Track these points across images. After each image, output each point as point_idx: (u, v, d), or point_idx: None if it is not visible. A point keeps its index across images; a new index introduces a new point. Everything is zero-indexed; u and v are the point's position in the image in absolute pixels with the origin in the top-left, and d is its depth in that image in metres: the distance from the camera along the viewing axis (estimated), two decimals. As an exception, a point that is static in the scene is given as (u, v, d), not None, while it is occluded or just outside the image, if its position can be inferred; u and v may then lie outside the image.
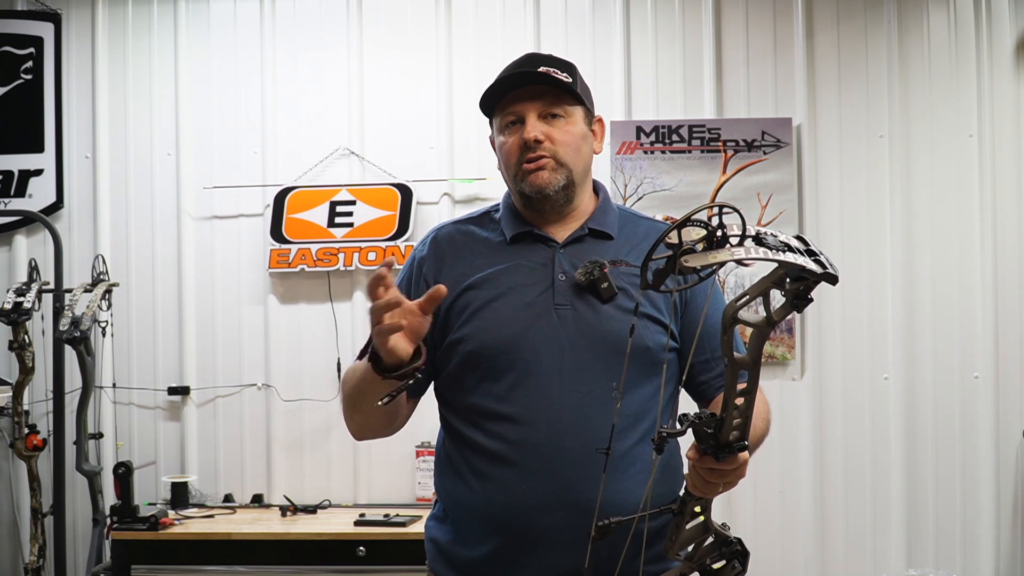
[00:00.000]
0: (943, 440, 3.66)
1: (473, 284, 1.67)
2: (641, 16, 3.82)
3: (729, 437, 1.27)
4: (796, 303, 1.16)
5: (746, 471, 1.37)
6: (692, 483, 1.35)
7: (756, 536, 3.69)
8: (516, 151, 1.67)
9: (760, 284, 1.19)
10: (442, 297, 1.46)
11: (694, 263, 1.15)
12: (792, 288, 1.16)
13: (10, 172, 3.96)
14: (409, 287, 1.72)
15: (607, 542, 1.43)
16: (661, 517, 1.47)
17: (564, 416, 1.57)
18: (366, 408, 1.59)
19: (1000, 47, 3.69)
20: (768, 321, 1.20)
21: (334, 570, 3.29)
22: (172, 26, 3.96)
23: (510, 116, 1.68)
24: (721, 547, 1.37)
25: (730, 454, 1.28)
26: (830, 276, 1.13)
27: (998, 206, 3.66)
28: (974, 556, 3.62)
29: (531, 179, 1.66)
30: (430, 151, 3.85)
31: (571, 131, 1.68)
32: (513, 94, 1.67)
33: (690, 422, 1.26)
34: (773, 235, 1.16)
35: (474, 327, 1.65)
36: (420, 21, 3.88)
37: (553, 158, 1.66)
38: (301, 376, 3.86)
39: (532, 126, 1.65)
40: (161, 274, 3.93)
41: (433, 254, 1.74)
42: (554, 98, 1.67)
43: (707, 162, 3.72)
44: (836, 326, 3.71)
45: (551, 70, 1.67)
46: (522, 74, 1.68)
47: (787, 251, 1.14)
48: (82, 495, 3.70)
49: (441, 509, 1.73)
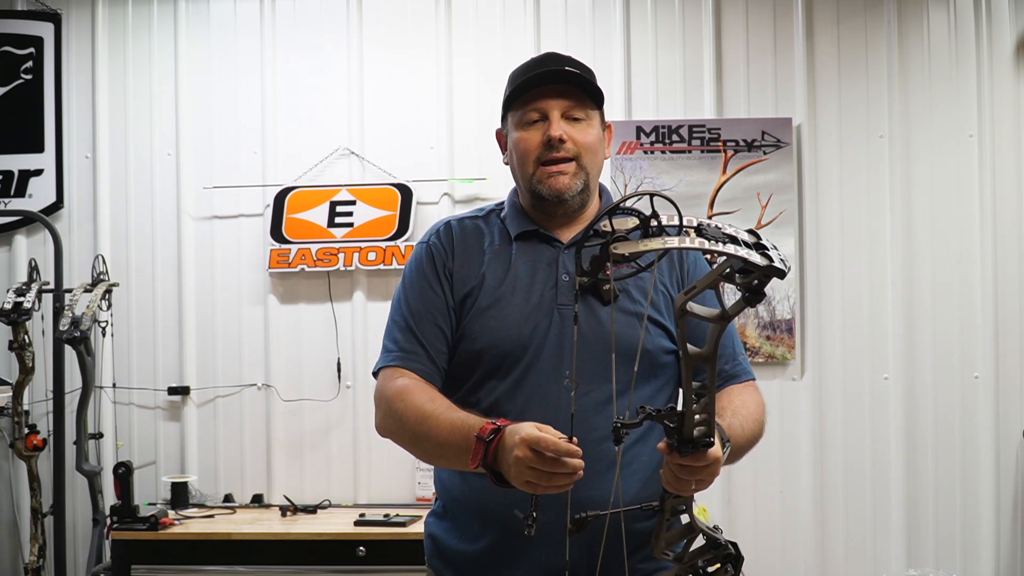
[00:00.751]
0: (943, 440, 3.66)
1: (479, 282, 1.68)
2: (641, 16, 3.82)
3: (693, 433, 1.26)
4: (749, 297, 1.16)
5: (719, 470, 1.37)
6: (665, 479, 1.35)
7: (756, 536, 3.69)
8: (537, 148, 1.66)
9: (708, 277, 1.19)
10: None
11: (623, 250, 1.16)
12: (743, 282, 1.16)
13: (10, 172, 3.96)
14: (438, 276, 1.70)
15: (603, 539, 1.43)
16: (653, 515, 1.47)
17: (562, 415, 1.57)
18: (437, 465, 1.68)
19: (1000, 47, 3.69)
20: (723, 315, 1.20)
21: (334, 570, 3.29)
22: (172, 26, 3.95)
23: (533, 113, 1.67)
24: (714, 550, 1.36)
25: (694, 450, 1.28)
26: (775, 270, 1.12)
27: (998, 206, 3.66)
28: (974, 556, 3.62)
29: (550, 182, 1.66)
30: (430, 151, 3.85)
31: (591, 134, 1.69)
32: (537, 91, 1.66)
33: (646, 414, 1.26)
34: (717, 227, 1.15)
35: (480, 325, 1.65)
36: (420, 21, 3.88)
37: (575, 160, 1.66)
38: (301, 376, 3.86)
39: (557, 124, 1.65)
40: (161, 274, 3.93)
41: (448, 245, 1.73)
42: (578, 100, 1.67)
43: (707, 162, 3.72)
44: (836, 326, 3.71)
45: (577, 71, 1.67)
46: (555, 72, 1.67)
47: (730, 243, 1.13)
48: (82, 495, 3.70)
49: (440, 505, 1.75)
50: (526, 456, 1.36)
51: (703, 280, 1.19)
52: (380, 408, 1.67)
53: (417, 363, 1.66)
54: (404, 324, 1.69)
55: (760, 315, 3.69)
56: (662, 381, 1.67)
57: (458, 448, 1.48)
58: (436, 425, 1.54)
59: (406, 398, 1.60)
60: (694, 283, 1.20)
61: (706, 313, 1.21)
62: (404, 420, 1.60)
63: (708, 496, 3.63)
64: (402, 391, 1.62)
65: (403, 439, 1.64)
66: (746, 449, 1.60)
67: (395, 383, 1.64)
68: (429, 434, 1.55)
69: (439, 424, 1.54)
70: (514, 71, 1.74)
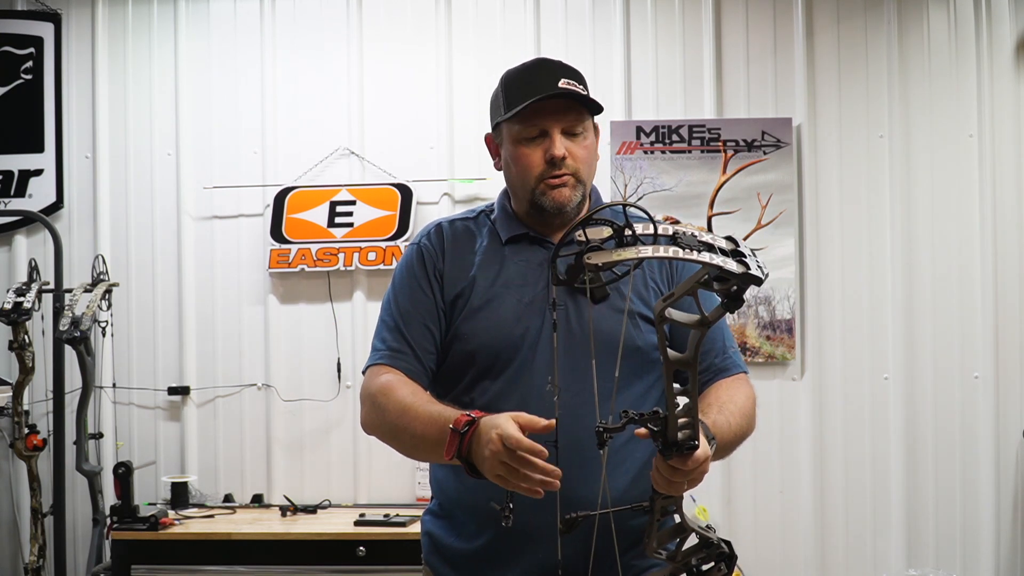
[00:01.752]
0: (943, 440, 3.66)
1: (470, 283, 1.69)
2: (641, 16, 3.82)
3: (678, 436, 1.27)
4: (727, 304, 1.17)
5: (708, 467, 1.38)
6: (655, 481, 1.36)
7: (756, 536, 3.70)
8: (540, 165, 1.67)
9: (685, 284, 1.20)
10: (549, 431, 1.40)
11: (596, 260, 1.17)
12: (721, 288, 1.17)
13: (10, 172, 3.96)
14: (427, 277, 1.71)
15: (594, 539, 1.44)
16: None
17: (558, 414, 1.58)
18: (417, 459, 1.68)
19: (1000, 47, 3.69)
20: (702, 321, 1.20)
21: (334, 570, 3.29)
22: (172, 26, 3.96)
23: (533, 129, 1.67)
24: (707, 549, 1.37)
25: (679, 453, 1.29)
26: (751, 277, 1.14)
27: (998, 206, 3.66)
28: (974, 556, 3.62)
29: (554, 195, 1.68)
30: (430, 151, 3.85)
31: (588, 147, 1.71)
32: (537, 106, 1.66)
33: (629, 418, 1.27)
34: (692, 235, 1.16)
35: (472, 326, 1.67)
36: (420, 21, 3.88)
37: (574, 175, 1.68)
38: (301, 376, 3.86)
39: (559, 144, 1.66)
40: (161, 274, 3.93)
41: (438, 246, 1.74)
42: (576, 115, 1.68)
43: (707, 162, 3.72)
44: (836, 326, 3.71)
45: (573, 84, 1.67)
46: (557, 92, 1.66)
47: (705, 251, 1.14)
48: (82, 495, 3.70)
49: (437, 504, 1.76)
50: (498, 451, 1.38)
51: (681, 287, 1.21)
52: (364, 404, 1.70)
53: (404, 362, 1.68)
54: (393, 324, 1.71)
55: (760, 315, 3.69)
56: (653, 377, 1.68)
57: (434, 441, 1.50)
58: (415, 417, 1.56)
59: (389, 393, 1.63)
60: (672, 290, 1.21)
61: (686, 319, 1.22)
62: (386, 413, 1.62)
63: (708, 496, 3.63)
64: (385, 386, 1.64)
65: (385, 433, 1.66)
66: (734, 444, 1.61)
67: (379, 379, 1.66)
68: (408, 427, 1.57)
69: (418, 416, 1.56)
70: (507, 77, 1.73)
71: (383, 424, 1.64)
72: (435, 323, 1.69)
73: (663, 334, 1.22)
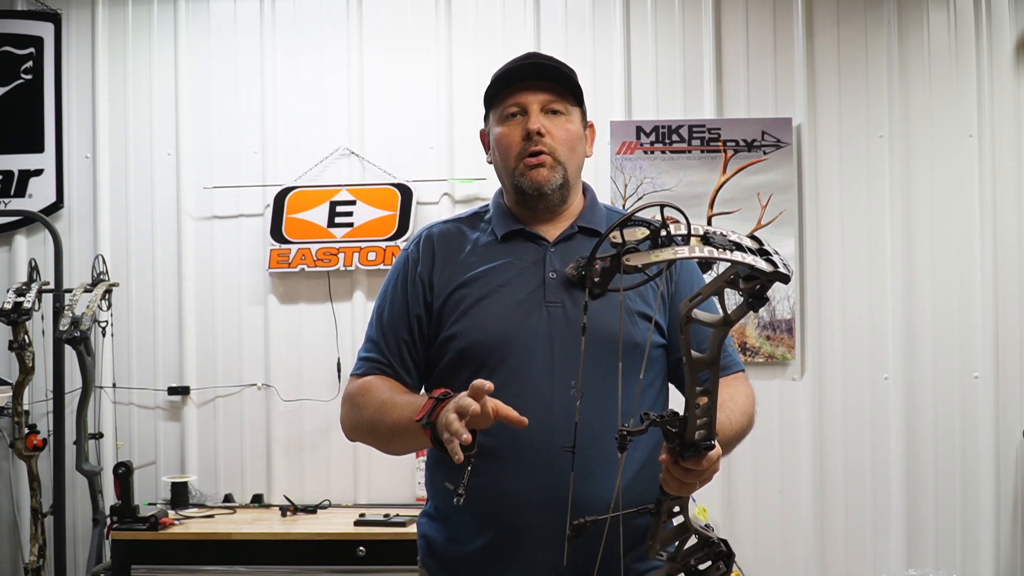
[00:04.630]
0: (943, 440, 3.66)
1: (465, 282, 1.69)
2: (641, 16, 3.82)
3: (695, 436, 1.27)
4: (752, 302, 1.17)
5: (720, 466, 1.38)
6: (667, 484, 1.36)
7: (756, 536, 3.70)
8: (518, 142, 1.68)
9: (713, 283, 1.20)
10: (489, 392, 1.42)
11: (636, 261, 1.17)
12: (747, 287, 1.17)
13: (10, 172, 3.96)
14: (405, 287, 1.73)
15: (599, 540, 1.44)
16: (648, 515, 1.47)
17: (554, 412, 1.57)
18: (395, 450, 1.68)
19: (1000, 47, 3.70)
20: (725, 320, 1.20)
21: (334, 570, 3.29)
22: (172, 26, 3.96)
23: (512, 107, 1.69)
24: (705, 548, 1.37)
25: (695, 453, 1.29)
26: (780, 275, 1.14)
27: (998, 206, 3.66)
28: (974, 556, 3.62)
29: (531, 175, 1.68)
30: (430, 151, 3.85)
31: (569, 129, 1.71)
32: (516, 86, 1.69)
33: (651, 420, 1.27)
34: (722, 234, 1.16)
35: (466, 324, 1.66)
36: (420, 21, 3.88)
37: (551, 155, 1.68)
38: (301, 376, 3.86)
39: (536, 117, 1.67)
40: (161, 274, 3.93)
41: (425, 253, 1.75)
42: (557, 95, 1.69)
43: (707, 162, 3.72)
44: (836, 326, 3.71)
45: (555, 65, 1.70)
46: (531, 65, 1.70)
47: (736, 250, 1.14)
48: (82, 495, 3.70)
49: (433, 506, 1.75)
50: (447, 411, 1.40)
51: (708, 287, 1.20)
52: (344, 406, 1.73)
53: (384, 371, 1.72)
54: (376, 334, 1.75)
55: (760, 315, 3.69)
56: (652, 374, 1.68)
57: (408, 422, 1.51)
58: (393, 406, 1.59)
59: (368, 392, 1.67)
60: (699, 290, 1.20)
61: (710, 319, 1.22)
62: (364, 409, 1.65)
63: (708, 496, 3.63)
64: (364, 385, 1.69)
65: (363, 430, 1.67)
66: (735, 442, 1.61)
67: (359, 381, 1.72)
68: (384, 418, 1.60)
69: (396, 405, 1.59)
70: (495, 71, 1.76)
71: (361, 421, 1.66)
72: (410, 334, 1.71)
73: (688, 335, 1.21)
